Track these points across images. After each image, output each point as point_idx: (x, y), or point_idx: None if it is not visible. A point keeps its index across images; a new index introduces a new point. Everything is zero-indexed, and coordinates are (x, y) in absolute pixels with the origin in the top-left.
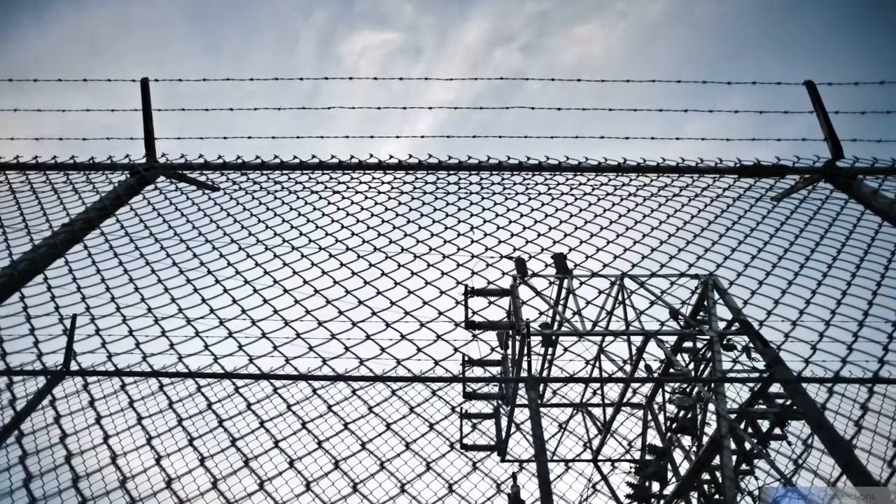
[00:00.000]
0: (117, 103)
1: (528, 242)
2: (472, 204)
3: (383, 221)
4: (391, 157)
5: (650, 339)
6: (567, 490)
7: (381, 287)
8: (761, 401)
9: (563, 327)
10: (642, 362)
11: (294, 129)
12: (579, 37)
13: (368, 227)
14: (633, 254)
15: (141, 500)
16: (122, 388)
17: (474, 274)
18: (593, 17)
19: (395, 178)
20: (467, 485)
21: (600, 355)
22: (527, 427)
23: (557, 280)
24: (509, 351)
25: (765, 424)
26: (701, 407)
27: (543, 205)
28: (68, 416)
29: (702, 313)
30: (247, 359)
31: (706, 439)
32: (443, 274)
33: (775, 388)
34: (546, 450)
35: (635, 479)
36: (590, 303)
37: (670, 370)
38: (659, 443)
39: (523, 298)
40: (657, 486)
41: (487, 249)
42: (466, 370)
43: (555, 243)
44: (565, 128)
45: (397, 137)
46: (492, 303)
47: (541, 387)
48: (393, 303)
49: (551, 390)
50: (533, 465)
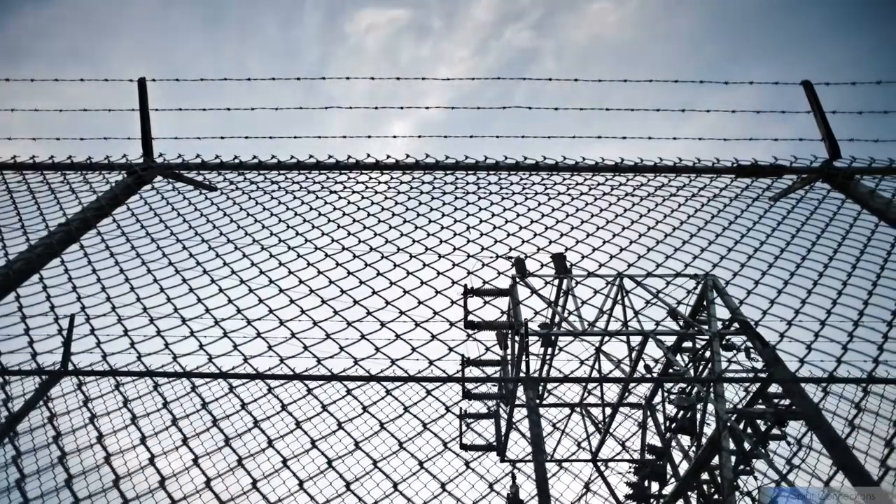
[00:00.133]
0: (114, 99)
1: (524, 242)
2: (468, 204)
3: (379, 221)
4: (388, 156)
5: (649, 339)
6: (565, 490)
7: (378, 287)
8: (761, 401)
9: (562, 327)
10: (641, 362)
11: (293, 127)
12: (591, 14)
13: (365, 227)
14: (629, 254)
15: (138, 498)
16: (117, 388)
17: (470, 273)
18: None
19: (392, 178)
20: (466, 485)
21: (599, 355)
22: (525, 427)
23: (556, 280)
24: (508, 351)
25: (765, 425)
26: (700, 407)
27: (540, 204)
28: (66, 416)
29: (702, 313)
30: (241, 358)
31: (705, 439)
32: (438, 274)
33: (775, 387)
34: (544, 450)
35: (634, 480)
36: (585, 302)
37: (669, 370)
38: (658, 443)
39: (522, 298)
40: (656, 487)
41: (484, 249)
42: (465, 370)
43: (551, 243)
44: (564, 126)
45: (395, 137)
46: (487, 302)
47: (540, 387)
48: (388, 302)
49: (551, 393)
50: (531, 465)
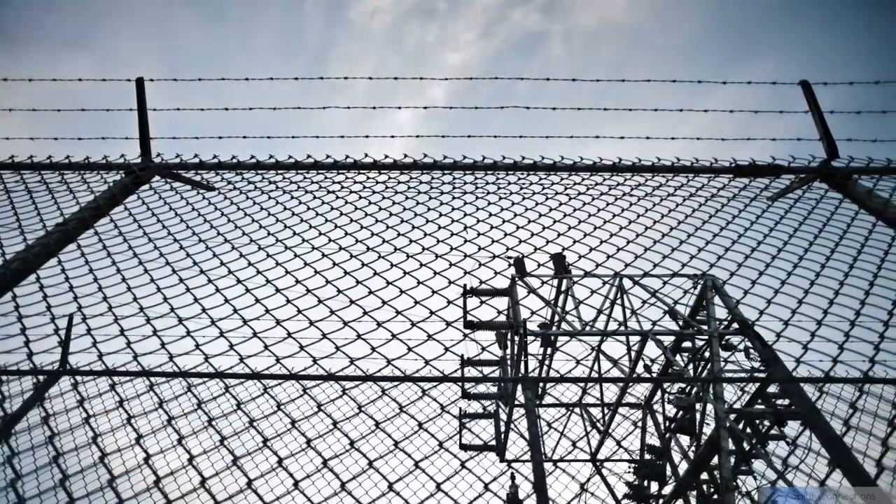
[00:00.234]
0: (112, 98)
1: (521, 242)
2: (465, 203)
3: (377, 221)
4: (386, 156)
5: (648, 339)
6: (563, 489)
7: (375, 287)
8: (760, 401)
9: (561, 327)
10: (640, 362)
11: (292, 123)
12: None
13: (362, 227)
14: (626, 253)
15: (136, 497)
16: (113, 388)
17: (467, 273)
18: None
19: (390, 178)
20: (465, 485)
21: (598, 355)
22: (525, 426)
23: (556, 280)
24: (508, 351)
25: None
26: (700, 407)
27: (538, 204)
28: (64, 416)
29: (701, 313)
30: (237, 358)
31: (704, 439)
32: (435, 273)
33: (774, 388)
34: (541, 450)
35: (634, 480)
36: (581, 302)
37: (669, 370)
38: (657, 443)
39: (521, 298)
40: (655, 487)
41: (481, 249)
42: (464, 370)
43: (548, 242)
44: (562, 125)
45: (392, 137)
46: (483, 302)
47: (539, 387)
48: (385, 302)
49: (548, 394)
50: (529, 465)
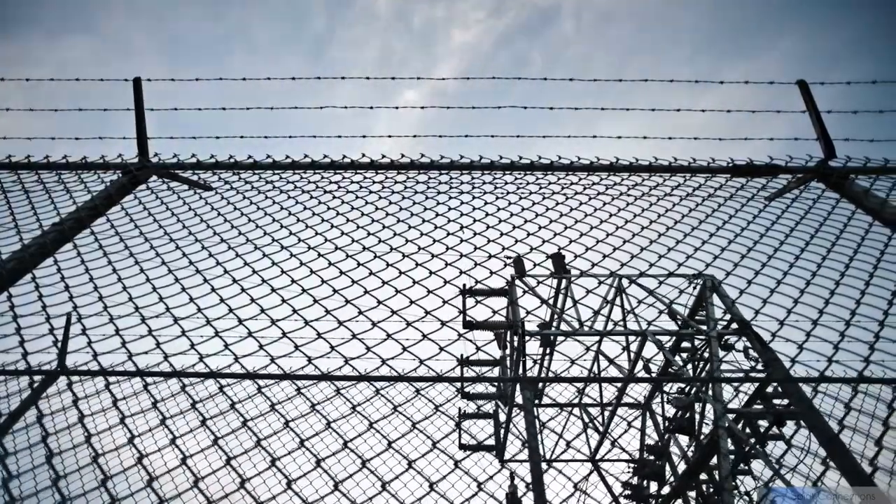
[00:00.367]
0: (111, 95)
1: (517, 242)
2: (462, 203)
3: (373, 221)
4: (383, 156)
5: (647, 339)
6: (560, 489)
7: (371, 286)
8: (759, 401)
9: (561, 327)
10: (640, 362)
11: (291, 123)
12: None
13: (358, 227)
14: (623, 253)
15: (133, 496)
16: (107, 388)
17: (463, 273)
18: None
19: (387, 178)
20: (463, 484)
21: (598, 356)
22: (524, 426)
23: (555, 280)
24: (507, 351)
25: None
26: (699, 407)
27: (535, 204)
28: (62, 416)
29: (700, 313)
30: (232, 357)
31: (704, 439)
32: (431, 273)
33: (773, 388)
34: (539, 450)
35: (629, 480)
36: (578, 301)
37: (668, 370)
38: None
39: (521, 298)
40: (655, 486)
41: (477, 249)
42: (462, 370)
43: (544, 242)
44: (560, 124)
45: (389, 137)
46: (479, 302)
47: (539, 387)
48: (380, 302)
49: (546, 395)
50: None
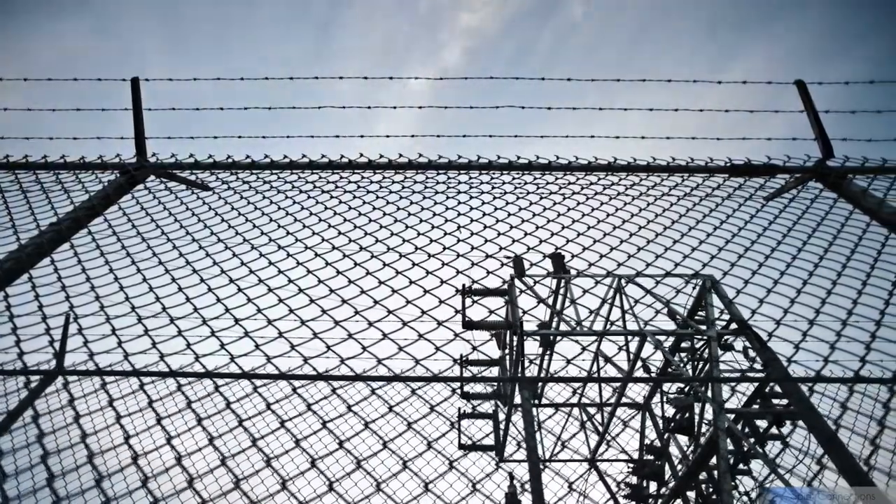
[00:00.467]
0: (109, 93)
1: (514, 241)
2: (460, 203)
3: (370, 221)
4: (381, 156)
5: (646, 339)
6: (559, 489)
7: (369, 286)
8: (758, 401)
9: (560, 327)
10: (639, 362)
11: (288, 121)
12: None
13: (355, 227)
14: (620, 253)
15: (130, 494)
16: (104, 387)
17: (459, 273)
18: None
19: (385, 178)
20: (460, 485)
21: (597, 356)
22: (522, 426)
23: (555, 280)
24: (506, 350)
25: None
26: (698, 407)
27: (532, 203)
28: (60, 416)
29: (700, 313)
30: (228, 357)
31: (703, 439)
32: (428, 273)
33: (770, 388)
34: (537, 449)
35: (628, 476)
36: (575, 301)
37: (668, 370)
38: (655, 442)
39: (520, 297)
40: (654, 486)
41: (474, 248)
42: (462, 370)
43: (541, 242)
44: (559, 123)
45: (387, 137)
46: (475, 301)
47: (538, 387)
48: (376, 301)
49: (547, 397)
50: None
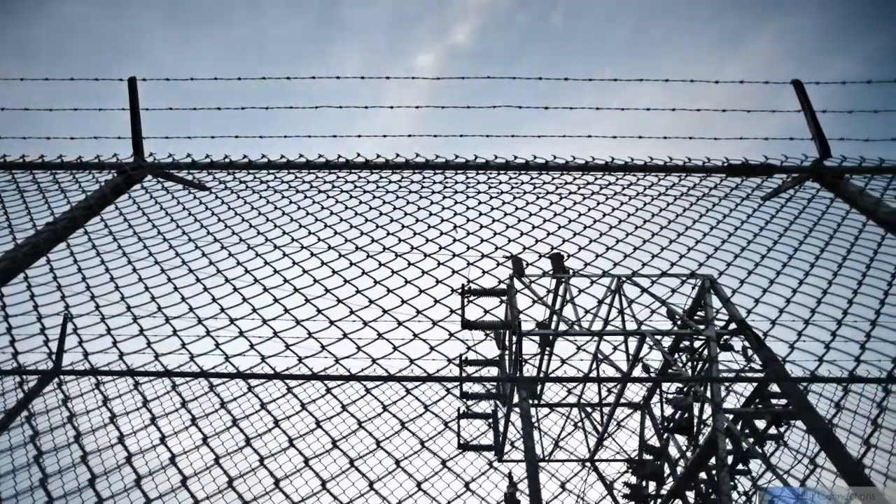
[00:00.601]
0: (106, 93)
1: (510, 241)
2: (456, 203)
3: (366, 220)
4: (378, 156)
5: (645, 339)
6: (557, 489)
7: (364, 286)
8: (757, 401)
9: (559, 327)
10: (639, 362)
11: (287, 120)
12: None
13: (351, 227)
14: (616, 253)
15: (127, 492)
16: (97, 387)
17: (455, 273)
18: None
19: (382, 178)
20: (458, 484)
21: (596, 355)
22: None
23: (554, 280)
24: (505, 350)
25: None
26: (698, 407)
27: (528, 203)
28: (58, 416)
29: (699, 313)
30: (223, 357)
31: (702, 439)
32: (423, 273)
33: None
34: (534, 449)
35: (632, 479)
36: (572, 300)
37: (667, 370)
38: (655, 442)
39: (519, 298)
40: (654, 487)
41: (470, 248)
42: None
43: (537, 242)
44: (556, 122)
45: (384, 136)
46: (471, 301)
47: (538, 387)
48: (371, 301)
49: (546, 397)
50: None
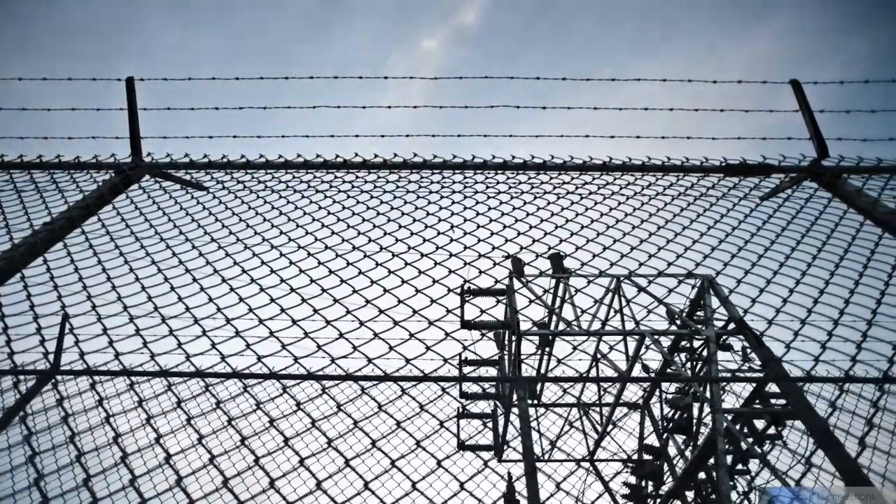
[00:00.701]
0: (104, 91)
1: (507, 241)
2: (454, 203)
3: (364, 220)
4: (376, 155)
5: (644, 339)
6: (554, 491)
7: (361, 286)
8: (757, 400)
9: (559, 327)
10: (638, 362)
11: (283, 120)
12: None
13: (349, 227)
14: (613, 252)
15: (125, 490)
16: (93, 387)
17: (451, 272)
18: None
19: (379, 177)
20: (455, 484)
21: (595, 355)
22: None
23: (554, 280)
24: (505, 350)
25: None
26: (698, 407)
27: (526, 203)
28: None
29: (698, 313)
30: (220, 356)
31: (702, 439)
32: (420, 272)
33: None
34: (533, 449)
35: (632, 480)
36: (570, 300)
37: (666, 370)
38: (655, 442)
39: (518, 298)
40: (653, 487)
41: (466, 248)
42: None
43: (534, 241)
44: (553, 122)
45: (382, 136)
46: (467, 301)
47: (538, 387)
48: (368, 301)
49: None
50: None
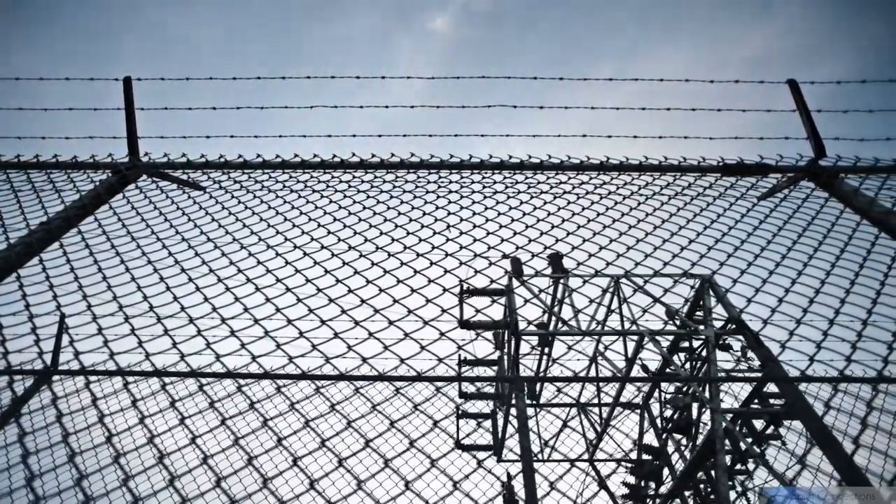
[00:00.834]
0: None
1: (503, 241)
2: (450, 203)
3: (360, 220)
4: (373, 155)
5: (643, 339)
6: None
7: (356, 285)
8: (756, 400)
9: (558, 327)
10: (638, 362)
11: (281, 119)
12: None
13: (345, 226)
14: (609, 252)
15: (123, 487)
16: (87, 387)
17: (447, 272)
18: None
19: (376, 177)
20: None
21: (595, 355)
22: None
23: (553, 280)
24: (504, 350)
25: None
26: (697, 407)
27: (523, 203)
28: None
29: (698, 313)
30: (214, 356)
31: (701, 439)
32: (415, 272)
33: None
34: (531, 449)
35: (632, 480)
36: (572, 300)
37: (666, 370)
38: (654, 442)
39: (517, 298)
40: (653, 487)
41: (462, 248)
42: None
43: (530, 241)
44: (552, 121)
45: (379, 136)
46: (463, 301)
47: (537, 387)
48: (363, 301)
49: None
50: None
